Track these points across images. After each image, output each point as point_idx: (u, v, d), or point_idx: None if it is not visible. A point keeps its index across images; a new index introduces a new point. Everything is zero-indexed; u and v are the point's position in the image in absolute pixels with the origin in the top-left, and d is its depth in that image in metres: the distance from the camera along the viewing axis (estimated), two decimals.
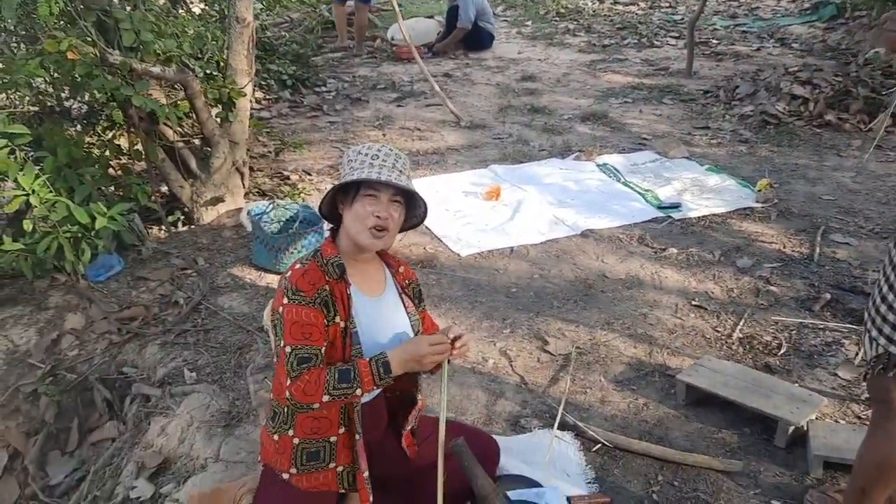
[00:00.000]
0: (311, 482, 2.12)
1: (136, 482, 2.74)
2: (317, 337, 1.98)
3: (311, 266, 2.04)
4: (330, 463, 2.13)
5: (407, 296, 2.24)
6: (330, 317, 2.01)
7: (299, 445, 2.11)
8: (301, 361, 1.96)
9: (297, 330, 1.97)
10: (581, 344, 3.33)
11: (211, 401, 3.04)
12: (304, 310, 1.97)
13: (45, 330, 3.66)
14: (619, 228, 4.49)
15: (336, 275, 2.03)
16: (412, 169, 5.40)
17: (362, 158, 2.03)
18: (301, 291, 1.98)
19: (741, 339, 3.31)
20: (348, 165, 2.05)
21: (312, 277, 2.01)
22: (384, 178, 1.98)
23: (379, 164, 2.01)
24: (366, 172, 1.99)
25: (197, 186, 4.52)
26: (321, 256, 2.06)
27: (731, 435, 2.72)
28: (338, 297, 2.03)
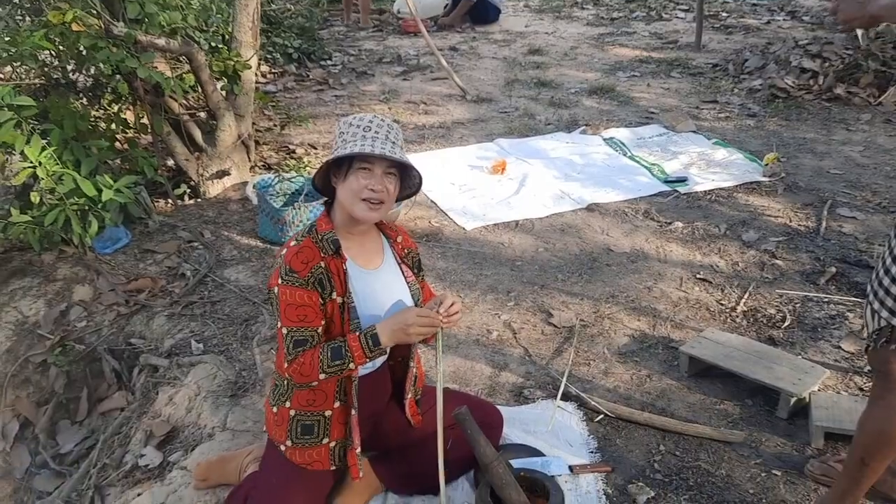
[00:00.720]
0: (304, 457, 2.15)
1: (145, 450, 2.79)
2: (312, 318, 2.00)
3: (306, 243, 2.03)
4: (323, 438, 2.15)
5: (406, 265, 2.24)
6: (326, 294, 2.02)
7: (294, 417, 2.13)
8: (297, 344, 2.00)
9: (293, 312, 1.99)
10: (585, 316, 3.34)
11: (218, 371, 3.07)
12: (297, 291, 1.98)
13: (53, 301, 3.69)
14: (624, 202, 4.48)
15: (331, 250, 2.03)
16: (418, 143, 5.43)
17: (354, 130, 1.99)
18: (294, 272, 1.98)
19: (745, 312, 3.32)
20: (340, 138, 2.02)
21: (306, 255, 2.01)
22: (377, 152, 1.95)
23: (372, 135, 1.98)
24: (359, 145, 1.96)
25: (203, 160, 4.52)
26: (316, 232, 2.06)
27: (734, 406, 2.74)
28: (334, 272, 2.03)
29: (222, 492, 2.40)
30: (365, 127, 2.00)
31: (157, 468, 2.69)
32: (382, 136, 1.99)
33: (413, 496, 2.35)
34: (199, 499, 2.42)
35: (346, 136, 2.00)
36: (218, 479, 2.44)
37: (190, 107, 4.69)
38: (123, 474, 2.74)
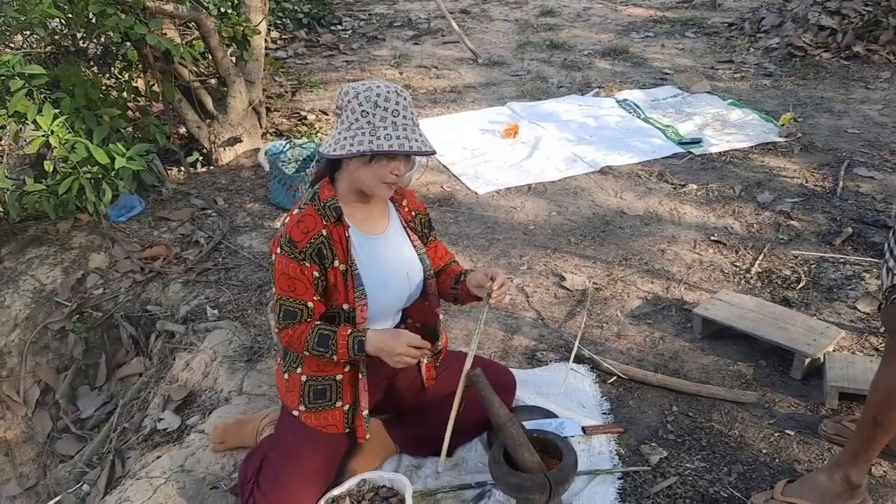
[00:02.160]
0: (318, 421, 2.17)
1: (163, 414, 2.83)
2: (302, 291, 2.01)
3: (309, 211, 2.02)
4: (336, 402, 2.17)
5: (412, 229, 2.24)
6: (328, 262, 2.02)
7: (307, 383, 2.15)
8: (287, 315, 2.03)
9: (284, 282, 2.00)
10: (598, 279, 3.34)
11: (233, 336, 3.10)
12: (291, 263, 1.98)
13: (70, 269, 3.73)
14: (638, 165, 4.44)
15: (333, 217, 2.03)
16: (429, 107, 5.39)
17: (382, 114, 1.89)
18: (293, 243, 1.98)
19: (759, 274, 3.30)
20: (364, 118, 1.89)
21: (308, 225, 2.00)
22: (415, 147, 1.91)
23: (402, 122, 1.91)
24: (394, 139, 1.88)
25: (214, 127, 4.52)
26: (318, 199, 2.04)
27: (747, 367, 2.73)
28: (336, 240, 2.03)
29: (239, 454, 2.44)
30: (393, 111, 1.90)
31: (175, 431, 2.73)
32: (411, 122, 1.93)
33: (426, 458, 2.38)
34: (217, 461, 2.46)
35: (373, 120, 1.89)
36: (235, 442, 2.48)
37: (200, 74, 4.68)
38: (143, 438, 2.79)
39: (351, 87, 1.94)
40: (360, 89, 1.91)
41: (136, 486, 2.42)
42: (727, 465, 2.28)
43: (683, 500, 2.15)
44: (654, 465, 2.28)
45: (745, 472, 2.25)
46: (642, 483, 2.22)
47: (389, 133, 1.89)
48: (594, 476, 2.26)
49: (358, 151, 1.89)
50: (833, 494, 2.02)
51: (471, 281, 2.16)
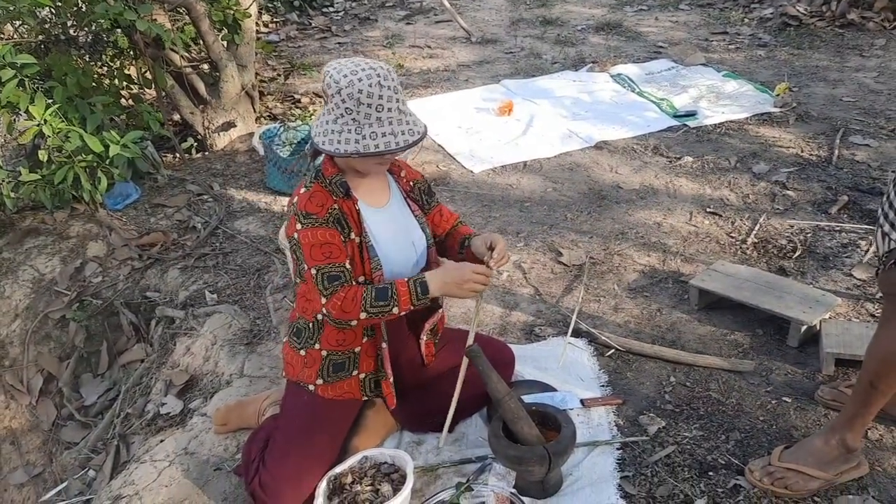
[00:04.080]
0: (335, 391, 2.19)
1: (166, 399, 2.85)
2: (337, 254, 2.00)
3: (316, 188, 2.03)
4: (353, 371, 2.20)
5: (412, 199, 2.25)
6: (346, 234, 2.03)
7: (327, 357, 2.17)
8: (331, 279, 1.98)
9: (318, 251, 1.98)
10: (595, 254, 3.34)
11: (233, 320, 3.11)
12: (318, 231, 1.98)
13: (68, 258, 3.74)
14: (633, 139, 4.43)
15: (341, 193, 2.04)
16: (423, 87, 5.38)
17: (366, 111, 1.85)
18: (312, 214, 1.98)
19: (755, 244, 3.31)
20: (349, 114, 1.86)
21: (320, 199, 2.01)
22: (401, 143, 1.90)
23: (387, 116, 1.88)
24: (380, 137, 1.87)
25: (208, 112, 4.51)
26: (323, 177, 2.04)
27: (744, 337, 2.75)
28: (348, 213, 2.04)
29: (242, 435, 2.46)
30: (377, 106, 1.86)
31: (178, 415, 2.75)
32: (396, 112, 1.90)
33: (427, 434, 2.40)
34: (220, 443, 2.49)
35: (357, 118, 1.87)
36: (237, 424, 2.50)
37: (192, 59, 4.66)
38: (146, 423, 2.81)
39: (333, 78, 1.87)
40: (343, 83, 1.85)
41: (140, 469, 2.44)
42: (725, 433, 2.30)
43: (682, 468, 2.17)
44: (653, 434, 2.31)
45: (742, 439, 2.27)
46: (641, 453, 2.24)
47: (375, 131, 1.88)
48: (593, 447, 2.28)
49: (345, 152, 1.89)
50: (830, 458, 2.04)
51: (474, 248, 2.18)
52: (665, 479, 2.14)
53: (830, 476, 2.03)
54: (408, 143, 1.92)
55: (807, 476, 2.02)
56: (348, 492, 2.10)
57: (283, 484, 2.07)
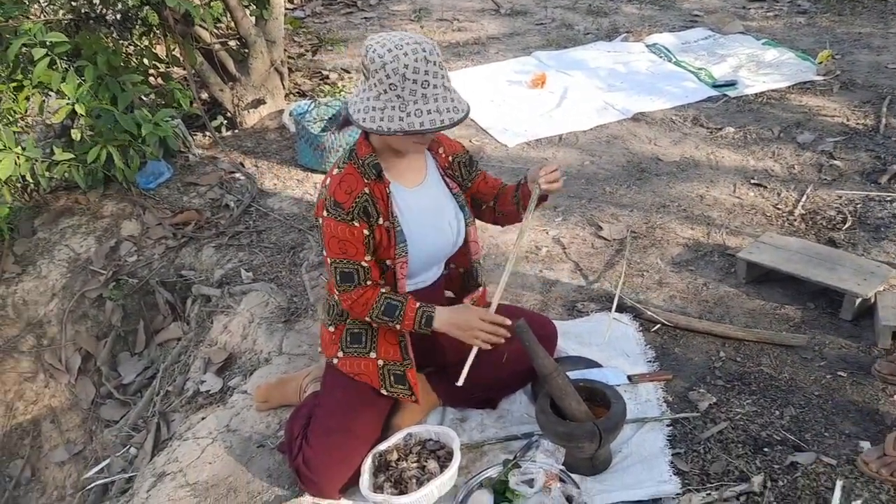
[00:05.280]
0: (353, 367, 2.16)
1: (205, 377, 2.84)
2: (353, 252, 1.98)
3: (348, 170, 1.98)
4: (370, 351, 2.15)
5: (450, 176, 2.18)
6: (374, 220, 1.99)
7: (348, 329, 2.16)
8: (344, 278, 2.00)
9: (335, 245, 1.97)
10: (636, 228, 3.26)
11: (269, 298, 3.08)
12: (340, 225, 1.95)
13: (103, 238, 3.73)
14: (671, 110, 4.32)
15: (374, 175, 1.98)
16: (453, 60, 5.29)
17: (411, 87, 1.78)
18: (339, 205, 1.94)
19: (803, 216, 3.20)
20: (391, 90, 1.79)
21: (350, 184, 1.95)
22: (446, 121, 1.82)
23: (432, 93, 1.80)
24: (424, 114, 1.80)
25: (237, 89, 4.46)
26: (357, 157, 1.98)
27: (795, 310, 2.66)
28: (378, 197, 1.98)
29: (283, 412, 2.43)
30: (423, 82, 1.78)
31: (218, 393, 2.74)
32: (442, 89, 1.81)
33: (470, 410, 2.36)
34: (261, 420, 2.46)
35: (402, 94, 1.79)
36: (279, 401, 2.48)
37: (221, 35, 4.61)
38: (186, 400, 2.81)
39: (377, 53, 1.79)
40: (387, 58, 1.77)
41: (183, 446, 2.43)
42: (779, 409, 2.23)
43: (735, 444, 2.11)
44: (704, 410, 2.24)
45: (797, 414, 2.20)
46: (692, 429, 2.18)
47: (420, 108, 1.81)
48: (642, 423, 2.22)
49: (388, 129, 1.82)
50: None
51: (529, 177, 2.11)
52: (718, 456, 2.07)
53: None
54: (453, 122, 1.84)
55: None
56: (394, 469, 2.07)
57: (326, 460, 2.04)
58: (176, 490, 2.24)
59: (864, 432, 2.12)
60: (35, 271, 3.69)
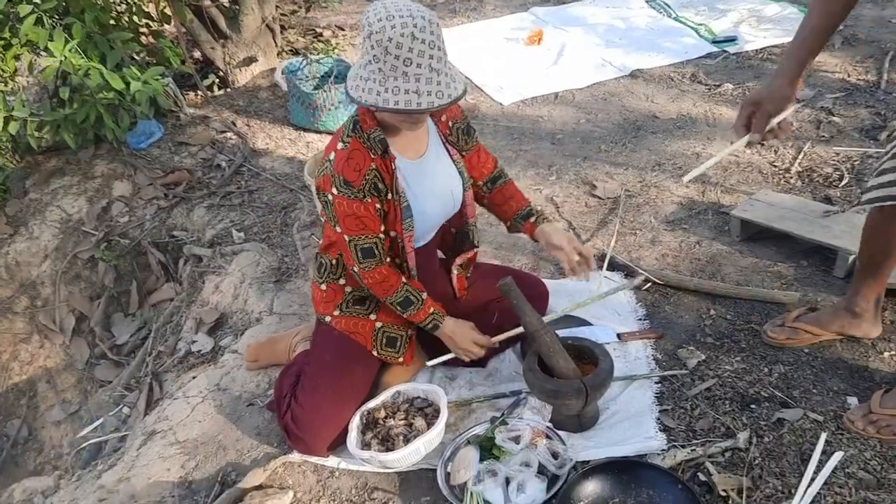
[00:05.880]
0: (348, 325, 2.17)
1: (196, 337, 2.84)
2: (372, 226, 1.96)
3: (354, 145, 1.91)
4: (371, 313, 2.18)
5: (451, 143, 2.14)
6: (383, 195, 1.96)
7: (351, 293, 2.17)
8: (365, 254, 1.98)
9: (352, 223, 1.94)
10: (630, 186, 3.23)
11: (260, 258, 3.07)
12: (353, 203, 1.91)
13: (94, 198, 3.71)
14: (670, 66, 4.25)
15: (380, 150, 1.93)
16: (449, 17, 5.20)
17: (392, 62, 1.70)
18: (350, 184, 1.89)
19: (800, 173, 3.16)
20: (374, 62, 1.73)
21: (357, 161, 1.90)
22: (424, 105, 1.75)
23: (415, 73, 1.72)
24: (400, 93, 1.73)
25: (229, 47, 4.39)
26: (361, 130, 1.92)
27: (788, 268, 2.64)
28: (385, 173, 1.95)
29: (273, 371, 2.44)
30: (405, 59, 1.70)
31: (209, 353, 2.74)
32: (427, 70, 1.73)
33: (458, 368, 2.35)
34: (252, 379, 2.47)
35: (383, 68, 1.72)
36: (269, 360, 2.48)
37: None
38: (178, 360, 2.81)
39: (368, 19, 1.71)
40: (375, 27, 1.69)
41: (174, 405, 2.44)
42: (768, 366, 2.22)
43: (723, 401, 2.10)
44: (692, 368, 2.23)
45: (786, 371, 2.19)
46: (680, 386, 2.18)
47: (398, 86, 1.73)
48: (631, 381, 2.22)
49: (365, 102, 1.77)
50: None
51: (549, 238, 2.19)
52: (705, 413, 2.07)
53: None
54: (432, 106, 1.75)
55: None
56: (382, 426, 2.07)
57: (314, 418, 2.05)
58: (166, 448, 2.25)
59: (853, 389, 2.11)
60: (27, 232, 3.68)
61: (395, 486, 2.01)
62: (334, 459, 2.09)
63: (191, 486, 2.12)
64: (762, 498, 1.79)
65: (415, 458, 1.99)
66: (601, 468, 1.86)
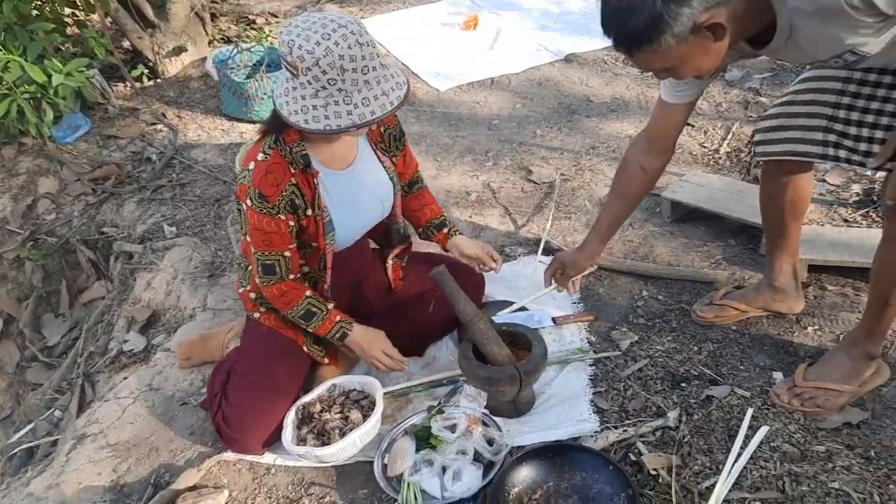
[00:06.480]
0: (276, 322, 2.15)
1: (128, 336, 2.77)
2: (278, 243, 1.93)
3: (275, 158, 1.86)
4: None
5: (381, 150, 2.12)
6: (301, 211, 1.92)
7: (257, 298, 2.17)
8: (266, 270, 1.97)
9: (259, 237, 1.91)
10: (565, 170, 3.25)
11: (193, 253, 3.01)
12: (265, 218, 1.87)
13: (18, 196, 3.58)
14: (603, 50, 4.28)
15: (301, 165, 1.89)
16: (385, 2, 5.13)
17: (352, 77, 1.67)
18: (265, 198, 1.84)
19: (728, 153, 3.23)
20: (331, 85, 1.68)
21: (276, 175, 1.85)
22: (394, 102, 1.73)
23: (374, 77, 1.70)
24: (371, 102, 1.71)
25: (157, 36, 4.27)
26: (284, 143, 1.86)
27: (716, 247, 2.70)
28: (305, 187, 1.90)
29: (207, 369, 2.40)
30: (362, 68, 1.67)
31: (141, 352, 2.68)
32: (379, 67, 1.71)
33: None
34: (185, 377, 2.42)
35: (343, 87, 1.68)
36: (201, 357, 2.43)
37: None
38: (109, 360, 2.74)
39: (304, 49, 1.64)
40: (318, 53, 1.63)
41: (104, 407, 2.38)
42: (697, 345, 2.27)
43: (654, 381, 2.15)
44: (625, 349, 2.27)
45: (714, 349, 2.24)
46: (613, 368, 2.21)
47: (366, 96, 1.71)
48: (565, 365, 2.24)
49: (339, 127, 1.72)
50: (855, 371, 1.99)
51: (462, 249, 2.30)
52: (638, 393, 2.11)
53: (856, 388, 1.98)
54: (400, 99, 1.75)
55: (835, 392, 1.96)
56: (317, 420, 2.06)
57: (245, 416, 2.02)
58: (96, 451, 2.20)
59: (778, 364, 2.17)
60: None
61: (332, 480, 2.00)
62: (270, 456, 2.07)
63: (122, 489, 2.07)
64: (691, 475, 1.83)
65: (351, 451, 1.98)
66: (534, 453, 1.87)
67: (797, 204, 2.18)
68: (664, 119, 2.04)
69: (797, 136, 2.02)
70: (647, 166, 2.10)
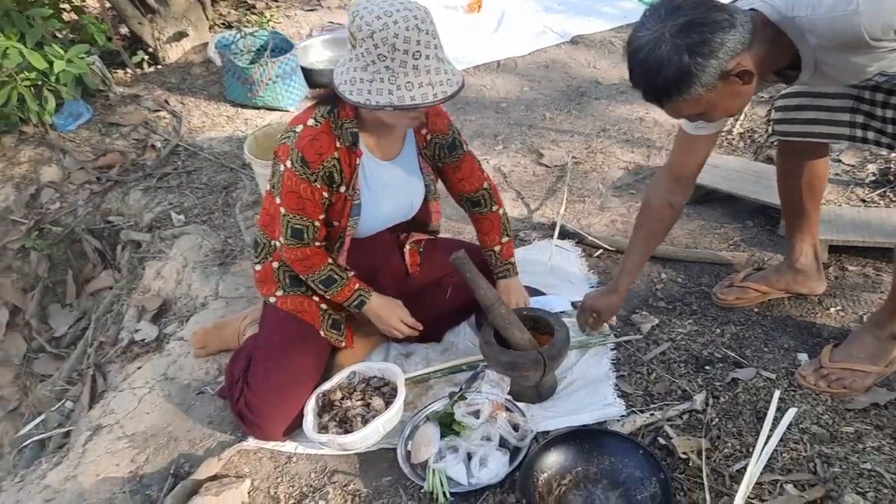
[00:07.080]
0: (294, 305, 2.12)
1: (140, 325, 2.73)
2: (310, 211, 1.92)
3: (324, 127, 1.86)
4: (313, 295, 2.14)
5: (424, 156, 2.09)
6: (335, 186, 1.92)
7: (280, 268, 2.12)
8: (295, 233, 1.95)
9: (293, 200, 1.90)
10: (577, 153, 3.22)
11: (202, 241, 2.97)
12: (303, 183, 1.87)
13: (21, 185, 3.52)
14: (610, 32, 4.25)
15: (349, 142, 1.88)
16: None
17: (401, 58, 1.65)
18: (306, 163, 1.84)
19: (742, 134, 3.20)
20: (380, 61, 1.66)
21: (322, 145, 1.85)
22: (439, 95, 1.69)
23: (424, 65, 1.67)
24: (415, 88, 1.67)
25: (157, 22, 4.20)
26: (337, 116, 1.86)
27: (734, 229, 2.68)
28: (346, 164, 1.90)
29: (222, 358, 2.37)
30: (414, 52, 1.65)
31: (154, 341, 2.64)
32: (435, 60, 1.68)
33: (414, 344, 2.32)
34: (200, 366, 2.39)
35: (391, 66, 1.66)
36: (217, 346, 2.40)
37: None
38: (121, 350, 2.70)
39: (364, 20, 1.65)
40: (376, 26, 1.63)
41: (119, 398, 2.35)
42: (720, 327, 2.25)
43: (678, 364, 2.13)
44: (647, 333, 2.25)
45: (737, 332, 2.22)
46: (635, 352, 2.19)
47: (411, 81, 1.68)
48: (586, 349, 2.22)
49: (376, 104, 1.70)
50: (881, 352, 1.97)
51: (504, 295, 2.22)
52: (661, 376, 2.09)
53: (882, 368, 1.97)
54: (446, 95, 1.71)
55: (862, 373, 1.95)
56: (338, 408, 2.03)
57: (268, 402, 1.99)
58: (113, 442, 2.17)
59: (802, 345, 2.16)
60: None
61: (355, 467, 1.98)
62: (291, 444, 2.04)
63: (142, 480, 2.04)
64: (721, 458, 1.81)
65: (374, 438, 1.96)
66: (562, 438, 1.85)
67: (815, 185, 2.16)
68: (688, 153, 1.97)
69: (823, 116, 1.99)
70: (674, 203, 2.02)
